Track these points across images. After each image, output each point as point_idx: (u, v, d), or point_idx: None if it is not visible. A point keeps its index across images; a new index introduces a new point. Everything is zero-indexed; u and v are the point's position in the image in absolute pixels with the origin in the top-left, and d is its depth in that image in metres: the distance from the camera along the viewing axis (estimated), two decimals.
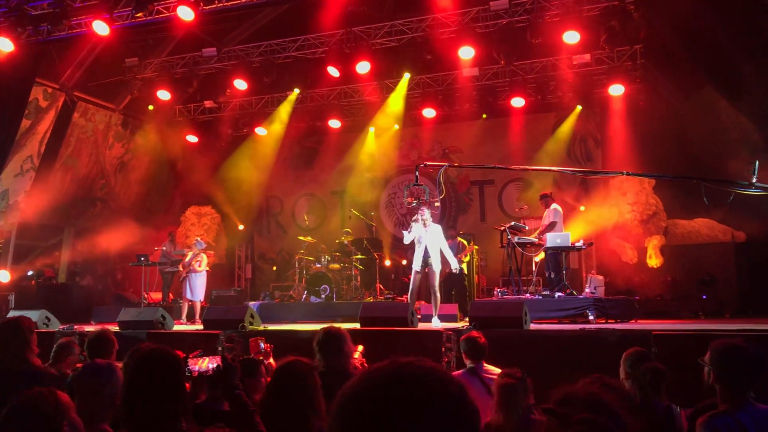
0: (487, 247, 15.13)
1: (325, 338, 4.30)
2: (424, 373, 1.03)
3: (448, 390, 1.02)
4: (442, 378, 1.04)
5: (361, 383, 1.03)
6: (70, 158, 16.11)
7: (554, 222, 11.23)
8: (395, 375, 1.03)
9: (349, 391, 1.04)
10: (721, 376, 3.29)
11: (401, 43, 13.66)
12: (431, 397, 1.00)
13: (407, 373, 1.03)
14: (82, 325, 11.44)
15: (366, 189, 18.18)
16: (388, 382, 1.02)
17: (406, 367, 1.04)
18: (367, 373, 1.05)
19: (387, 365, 1.06)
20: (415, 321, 9.28)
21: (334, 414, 1.02)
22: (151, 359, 2.75)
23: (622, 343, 7.12)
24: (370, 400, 1.01)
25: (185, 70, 15.04)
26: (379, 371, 1.05)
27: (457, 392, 1.03)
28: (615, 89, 13.76)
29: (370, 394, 1.01)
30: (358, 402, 1.01)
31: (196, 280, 12.58)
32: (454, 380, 1.05)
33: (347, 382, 2.95)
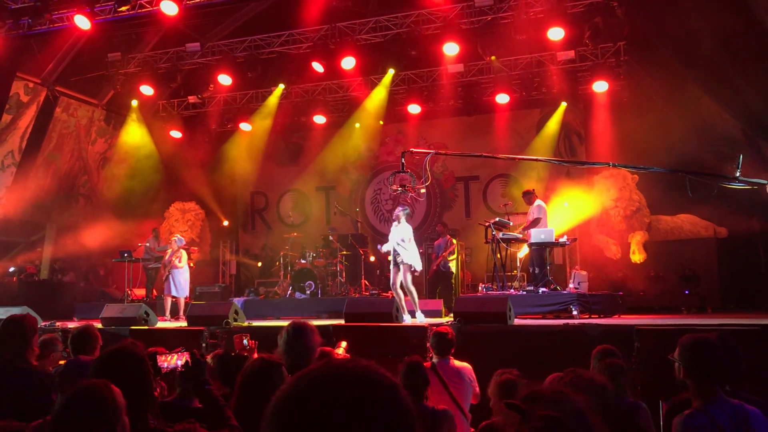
0: (471, 243, 15.17)
1: (290, 332, 4.25)
2: (355, 373, 1.02)
3: (379, 390, 1.01)
4: (373, 378, 1.03)
5: (292, 385, 1.03)
6: (52, 154, 15.94)
7: (539, 218, 11.29)
8: (326, 376, 1.02)
9: (281, 393, 1.03)
10: (690, 371, 3.30)
11: (386, 39, 13.63)
12: (361, 397, 0.99)
13: (338, 373, 1.02)
14: (65, 321, 11.36)
15: (351, 185, 18.18)
16: (318, 383, 1.01)
17: (337, 368, 1.04)
18: (300, 374, 1.04)
19: (319, 366, 1.05)
20: (400, 317, 9.30)
21: (266, 416, 1.01)
22: (114, 357, 2.75)
23: (605, 338, 7.19)
24: (301, 401, 1.00)
25: (169, 65, 14.93)
26: (310, 373, 1.04)
27: (388, 392, 1.01)
28: (599, 86, 13.85)
29: (300, 396, 1.01)
30: (289, 404, 1.01)
31: (179, 277, 12.50)
32: (387, 379, 1.04)
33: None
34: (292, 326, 4.24)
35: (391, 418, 0.99)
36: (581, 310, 9.80)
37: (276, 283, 15.00)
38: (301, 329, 4.21)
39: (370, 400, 0.99)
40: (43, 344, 5.32)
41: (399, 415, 1.00)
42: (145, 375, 2.76)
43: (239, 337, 5.14)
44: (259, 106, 16.57)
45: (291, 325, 4.27)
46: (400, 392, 1.02)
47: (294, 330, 4.20)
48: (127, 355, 2.78)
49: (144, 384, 2.73)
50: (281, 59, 14.64)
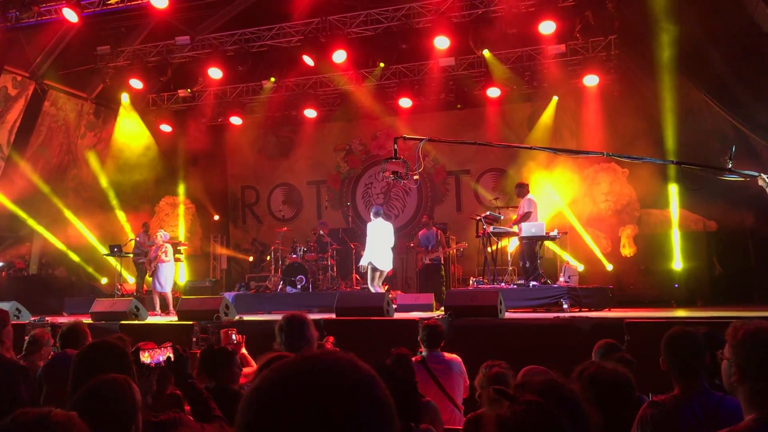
0: (463, 237, 15.17)
1: (286, 325, 4.25)
2: (329, 364, 1.01)
3: (354, 379, 1.00)
4: (349, 368, 1.02)
5: (267, 377, 1.02)
6: (40, 148, 15.83)
7: (529, 212, 11.30)
8: (300, 368, 1.01)
9: (255, 385, 1.02)
10: (670, 362, 3.33)
11: (377, 32, 13.59)
12: (337, 386, 0.98)
13: (312, 365, 1.01)
14: (55, 316, 11.30)
15: (342, 179, 18.16)
16: (293, 375, 1.00)
17: (311, 360, 1.02)
18: (276, 366, 1.03)
19: (294, 358, 1.04)
20: (390, 310, 9.30)
21: (239, 409, 1.00)
22: (95, 350, 2.74)
23: (595, 331, 7.22)
24: (274, 392, 0.99)
25: (158, 59, 14.83)
26: (285, 364, 1.03)
27: (365, 382, 1.00)
28: (590, 80, 13.86)
29: (274, 387, 0.99)
30: (263, 395, 0.99)
31: (165, 271, 12.45)
32: (363, 370, 1.02)
33: None
34: (290, 319, 4.24)
35: (370, 405, 0.98)
36: (572, 304, 9.84)
37: (267, 278, 14.98)
38: (298, 322, 4.21)
39: (346, 390, 0.98)
40: (33, 340, 5.31)
41: (378, 403, 0.98)
42: (127, 368, 2.75)
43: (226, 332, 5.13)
44: (249, 99, 16.51)
45: (288, 317, 4.27)
46: (378, 383, 1.01)
47: (292, 322, 4.20)
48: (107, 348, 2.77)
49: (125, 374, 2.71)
50: (271, 53, 14.58)
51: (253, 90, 16.23)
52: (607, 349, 4.49)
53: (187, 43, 14.30)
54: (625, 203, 14.60)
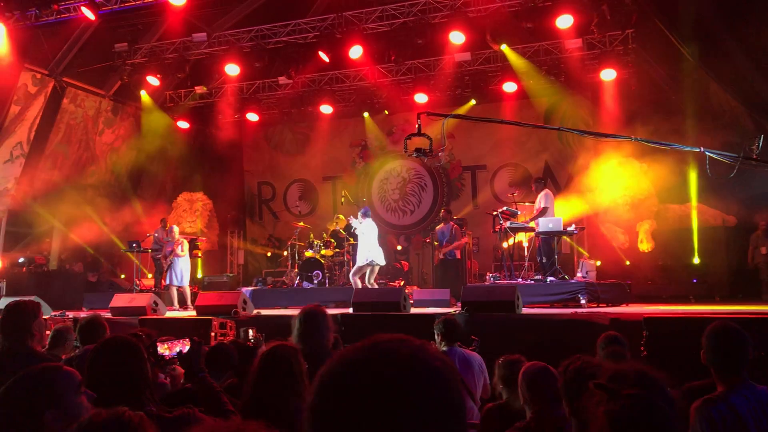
0: (479, 232, 15.17)
1: (303, 317, 4.23)
2: (405, 348, 1.02)
3: (430, 364, 1.01)
4: (424, 353, 1.02)
5: (339, 360, 1.03)
6: (59, 144, 15.98)
7: (546, 207, 11.26)
8: (374, 351, 1.02)
9: (328, 368, 1.03)
10: (712, 358, 3.29)
11: (393, 27, 13.58)
12: (411, 371, 0.98)
13: (387, 348, 1.02)
14: (74, 311, 11.43)
15: (358, 174, 18.18)
16: (367, 358, 1.01)
17: (385, 344, 1.03)
18: (347, 350, 1.04)
19: (367, 342, 1.05)
20: (407, 306, 9.31)
21: (313, 392, 1.02)
22: (110, 346, 2.77)
23: (613, 326, 7.19)
24: (349, 375, 0.99)
25: (175, 56, 14.91)
26: (358, 348, 1.04)
27: (440, 367, 1.01)
28: (606, 74, 13.77)
29: (348, 371, 1.00)
30: (336, 379, 1.00)
31: (182, 265, 12.54)
32: (439, 355, 1.03)
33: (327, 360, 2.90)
34: (306, 312, 4.22)
35: (445, 390, 0.99)
36: (589, 299, 9.80)
37: (283, 273, 15.03)
38: (315, 315, 4.19)
39: (424, 372, 0.99)
40: (58, 333, 5.38)
41: (452, 388, 1.00)
42: (141, 362, 2.78)
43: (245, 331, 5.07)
44: (265, 96, 16.57)
45: (304, 311, 4.25)
46: (451, 368, 1.02)
47: (308, 316, 4.18)
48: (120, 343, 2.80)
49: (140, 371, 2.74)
50: (288, 49, 14.61)
51: (270, 86, 16.28)
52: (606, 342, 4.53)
53: (204, 39, 14.36)
54: (643, 198, 14.51)
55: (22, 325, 3.83)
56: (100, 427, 1.73)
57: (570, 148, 15.92)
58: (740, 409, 3.03)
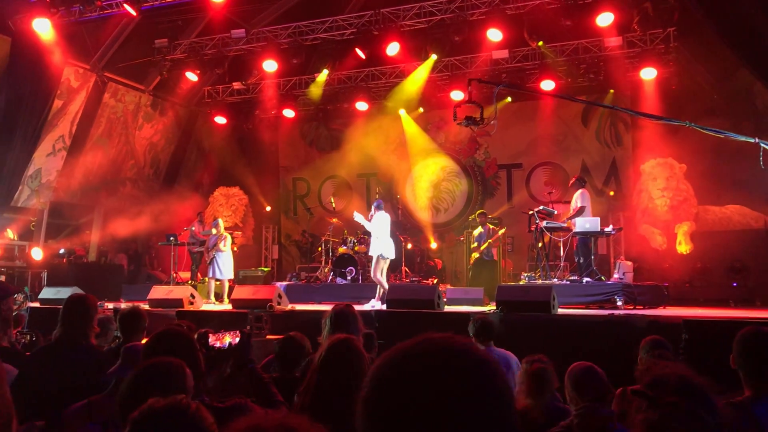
0: (513, 232, 15.06)
1: (333, 317, 4.22)
2: (457, 342, 1.04)
3: (482, 357, 1.03)
4: (476, 347, 1.05)
5: (394, 353, 1.04)
6: (100, 138, 16.28)
7: (584, 206, 11.12)
8: (428, 344, 1.04)
9: (383, 361, 1.04)
10: (741, 363, 3.22)
11: (430, 24, 13.55)
12: (466, 362, 1.00)
13: (440, 342, 1.04)
14: (113, 302, 11.64)
15: (392, 172, 18.18)
16: (422, 350, 1.03)
17: (438, 338, 1.05)
18: (401, 345, 1.06)
19: (418, 338, 1.07)
20: (441, 304, 9.30)
21: (367, 384, 1.03)
22: (163, 338, 2.81)
23: (651, 329, 7.08)
24: (404, 367, 1.01)
25: (214, 52, 15.08)
26: (412, 342, 1.05)
27: (491, 360, 1.03)
28: (647, 73, 13.55)
29: (403, 362, 1.02)
30: (392, 370, 1.02)
31: (224, 260, 12.68)
32: (482, 353, 1.05)
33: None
34: (336, 312, 4.22)
35: (495, 386, 1.00)
36: (626, 301, 9.66)
37: (317, 269, 15.12)
38: (345, 315, 4.20)
39: (474, 368, 1.00)
40: (101, 323, 5.49)
41: (502, 386, 1.01)
42: (194, 353, 2.82)
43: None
44: (302, 92, 16.66)
45: (334, 310, 4.25)
46: (497, 366, 1.04)
47: (338, 316, 4.18)
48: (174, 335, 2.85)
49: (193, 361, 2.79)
50: (325, 46, 14.67)
51: (306, 83, 16.36)
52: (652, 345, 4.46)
53: (243, 36, 14.49)
54: (681, 199, 14.28)
55: (86, 318, 3.93)
56: (161, 413, 1.77)
57: (608, 147, 15.72)
58: (762, 417, 2.95)
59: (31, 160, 14.46)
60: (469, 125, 5.66)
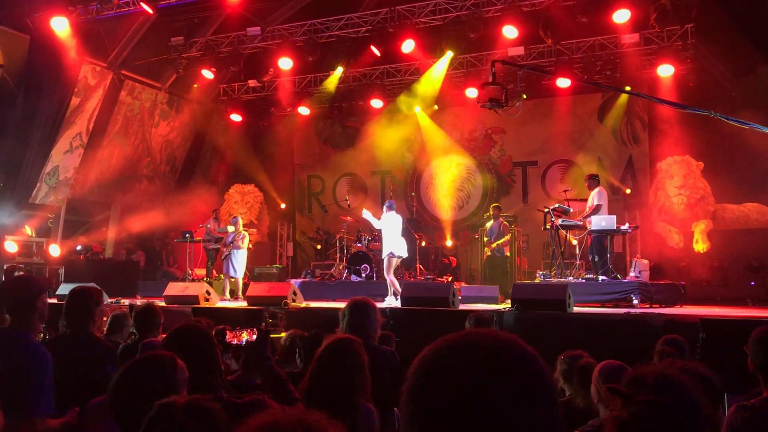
0: (528, 229, 14.99)
1: (351, 309, 4.21)
2: (502, 335, 1.05)
3: (527, 350, 1.03)
4: (520, 341, 1.05)
5: (440, 345, 1.05)
6: (117, 136, 16.40)
7: (600, 204, 11.06)
8: (474, 336, 1.05)
9: (429, 352, 1.05)
10: (758, 363, 3.18)
11: (445, 21, 13.51)
12: (512, 353, 1.01)
13: (486, 334, 1.05)
14: (129, 298, 11.73)
15: (407, 169, 18.17)
16: (470, 342, 1.03)
17: (483, 331, 1.06)
18: (446, 337, 1.06)
19: (462, 331, 1.08)
20: (456, 302, 9.28)
21: (414, 374, 1.03)
22: (181, 334, 2.83)
23: (668, 328, 7.03)
24: (452, 357, 1.02)
25: (230, 49, 15.12)
26: (457, 335, 1.06)
27: (535, 354, 1.04)
28: (664, 69, 13.43)
29: (450, 353, 1.03)
30: (439, 360, 1.03)
31: (239, 258, 12.74)
32: (527, 347, 1.05)
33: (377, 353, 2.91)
34: (354, 304, 4.20)
35: (539, 380, 1.01)
36: (642, 300, 9.61)
37: (332, 266, 15.14)
38: (363, 307, 4.18)
39: (512, 362, 1.01)
40: (115, 319, 5.54)
41: (539, 378, 1.01)
42: (212, 349, 2.84)
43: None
44: (317, 90, 16.68)
45: (353, 302, 4.23)
46: (539, 360, 1.04)
47: (356, 308, 4.17)
48: (193, 331, 2.87)
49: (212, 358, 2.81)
50: (340, 43, 14.68)
51: (321, 80, 16.38)
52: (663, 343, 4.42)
53: (258, 33, 14.53)
54: (699, 197, 14.16)
55: (84, 310, 3.94)
56: (184, 411, 1.77)
57: (624, 145, 15.62)
58: None
59: (49, 157, 14.58)
60: (493, 107, 5.60)
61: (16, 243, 14.72)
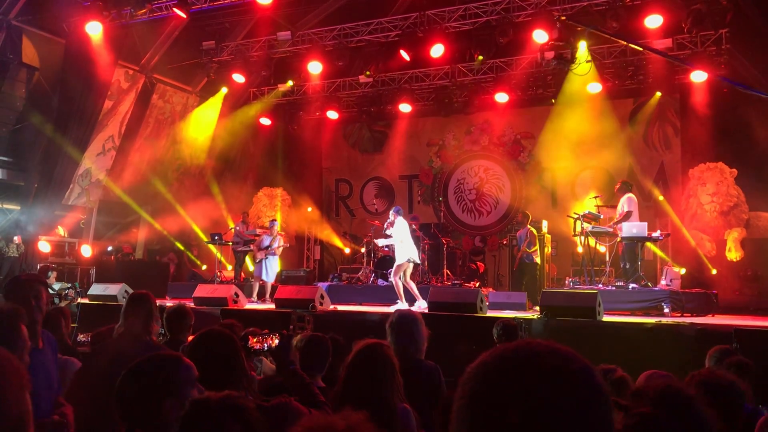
0: (557, 236, 14.85)
1: (397, 321, 4.14)
2: (562, 346, 1.04)
3: (586, 363, 1.02)
4: (570, 355, 1.04)
5: (502, 351, 1.04)
6: (148, 138, 16.62)
7: (630, 211, 10.92)
8: (537, 345, 1.04)
9: (481, 360, 1.04)
10: None
11: (475, 26, 13.48)
12: (576, 365, 1.00)
13: (548, 344, 1.04)
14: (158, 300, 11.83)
15: (435, 174, 18.14)
16: (533, 350, 1.02)
17: (544, 342, 1.05)
18: (501, 347, 1.05)
19: (517, 342, 1.07)
20: (484, 308, 9.23)
21: (473, 378, 1.03)
22: (207, 338, 2.85)
23: (700, 337, 6.92)
24: (515, 362, 1.01)
25: (260, 54, 15.23)
26: (509, 346, 1.05)
27: (585, 369, 1.02)
28: (697, 75, 13.24)
29: (513, 357, 1.02)
30: (490, 371, 1.02)
31: (273, 262, 12.84)
32: (582, 359, 1.04)
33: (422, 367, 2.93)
34: (399, 315, 4.14)
35: (595, 392, 1.00)
36: (673, 308, 9.47)
37: (359, 270, 15.16)
38: (408, 319, 4.12)
39: (570, 373, 1.00)
40: None
41: (597, 391, 1.01)
42: (237, 353, 2.85)
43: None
44: (346, 94, 16.74)
45: (397, 314, 4.17)
46: (596, 372, 1.03)
47: (401, 320, 4.11)
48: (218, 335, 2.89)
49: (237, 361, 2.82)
50: (369, 48, 14.71)
51: (350, 84, 16.44)
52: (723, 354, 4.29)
53: (288, 38, 14.61)
54: (732, 205, 13.92)
55: (149, 314, 4.00)
56: (217, 407, 1.79)
57: (656, 151, 15.42)
58: None
59: (82, 159, 14.82)
60: (560, 65, 5.50)
61: (50, 243, 14.98)
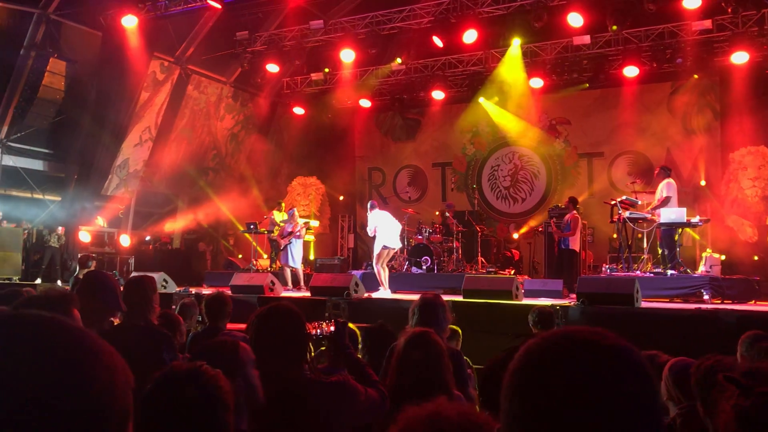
0: (594, 222, 14.67)
1: (422, 304, 4.11)
2: (595, 333, 1.02)
3: (620, 346, 1.00)
4: (612, 338, 1.02)
5: (536, 343, 1.03)
6: (184, 129, 16.82)
7: (669, 197, 10.73)
8: (590, 332, 1.02)
9: (525, 349, 1.03)
10: None
11: (509, 11, 13.31)
12: (602, 351, 0.99)
13: (601, 331, 1.02)
14: (196, 288, 12.03)
15: (468, 161, 18.03)
16: (587, 337, 1.01)
17: (578, 330, 1.03)
18: (543, 335, 1.04)
19: (566, 329, 1.05)
20: (519, 295, 9.19)
21: (508, 372, 1.02)
22: (275, 311, 2.90)
23: (741, 324, 6.78)
24: (546, 355, 1.00)
25: (293, 43, 15.28)
26: (552, 333, 1.04)
27: (628, 350, 1.01)
28: (738, 57, 12.90)
29: (545, 351, 1.00)
30: (535, 358, 1.01)
31: (298, 247, 12.89)
32: (625, 341, 1.03)
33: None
34: (424, 301, 4.12)
35: (633, 372, 0.99)
36: (713, 295, 9.30)
37: (392, 258, 15.16)
38: (432, 304, 4.09)
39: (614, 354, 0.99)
40: (184, 307, 5.68)
41: (640, 371, 1.00)
42: (302, 328, 2.91)
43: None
44: (378, 82, 16.70)
45: (422, 299, 4.16)
46: (638, 353, 1.02)
47: (425, 305, 4.08)
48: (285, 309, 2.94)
49: (302, 337, 2.88)
50: (402, 35, 14.64)
51: (383, 72, 16.39)
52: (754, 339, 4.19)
53: (321, 27, 14.62)
54: None
55: (144, 299, 4.01)
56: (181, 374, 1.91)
57: (695, 135, 15.10)
58: None
59: (120, 150, 15.07)
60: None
61: (89, 233, 15.29)
